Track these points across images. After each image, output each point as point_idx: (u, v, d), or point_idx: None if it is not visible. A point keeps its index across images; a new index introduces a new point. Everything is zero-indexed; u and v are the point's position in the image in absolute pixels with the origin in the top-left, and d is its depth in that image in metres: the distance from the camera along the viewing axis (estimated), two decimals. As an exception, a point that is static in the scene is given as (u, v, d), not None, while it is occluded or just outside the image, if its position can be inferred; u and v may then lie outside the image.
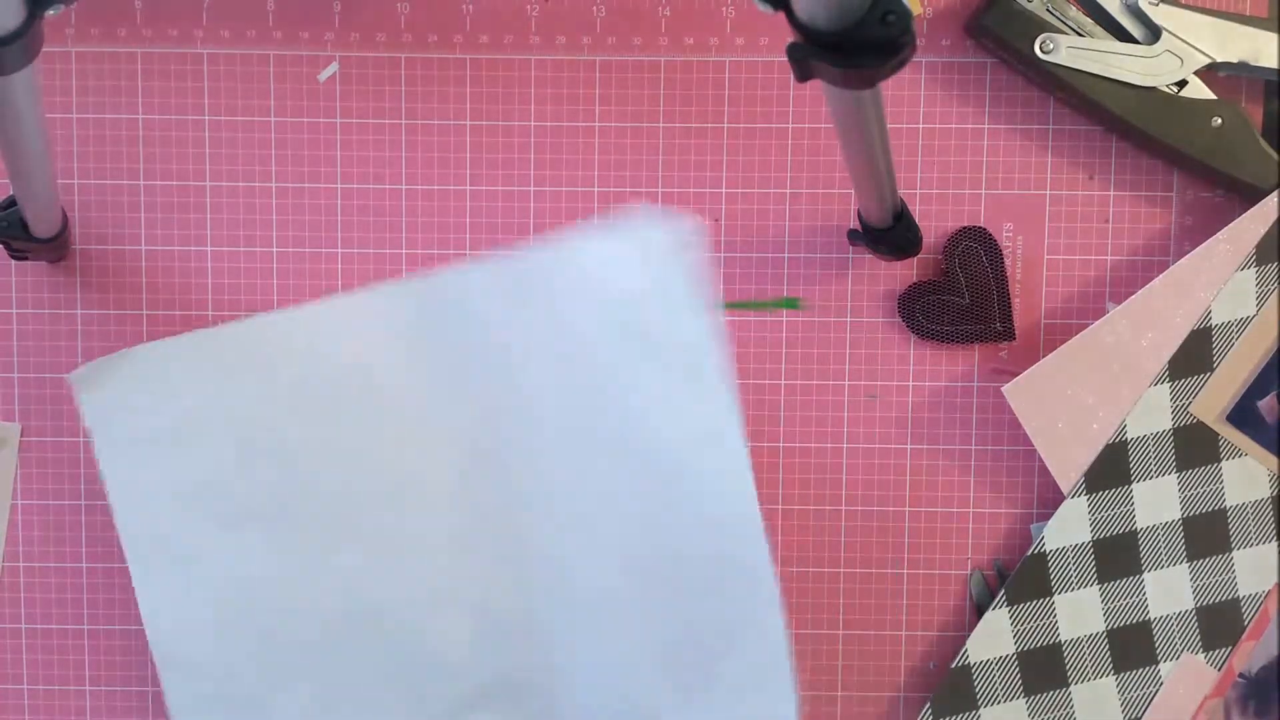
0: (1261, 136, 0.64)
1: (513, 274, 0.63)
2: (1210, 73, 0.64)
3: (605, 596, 0.63)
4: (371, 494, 0.64)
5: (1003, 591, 0.65)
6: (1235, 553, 0.65)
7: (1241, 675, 0.65)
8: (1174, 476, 0.64)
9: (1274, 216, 0.63)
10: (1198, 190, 0.66)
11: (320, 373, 0.64)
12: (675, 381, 0.63)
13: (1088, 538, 0.64)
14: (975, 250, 0.65)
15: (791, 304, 0.66)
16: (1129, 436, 0.64)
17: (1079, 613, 0.65)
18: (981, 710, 0.65)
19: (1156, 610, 0.65)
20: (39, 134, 0.53)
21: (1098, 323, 0.64)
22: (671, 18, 0.65)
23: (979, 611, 0.66)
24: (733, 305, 0.66)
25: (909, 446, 0.66)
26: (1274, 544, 0.65)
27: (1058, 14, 0.63)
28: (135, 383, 0.64)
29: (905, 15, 0.45)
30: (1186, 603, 0.65)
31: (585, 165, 0.66)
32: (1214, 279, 0.64)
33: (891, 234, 0.62)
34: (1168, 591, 0.65)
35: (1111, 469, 0.64)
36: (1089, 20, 0.64)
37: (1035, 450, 0.64)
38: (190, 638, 0.64)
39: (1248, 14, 0.65)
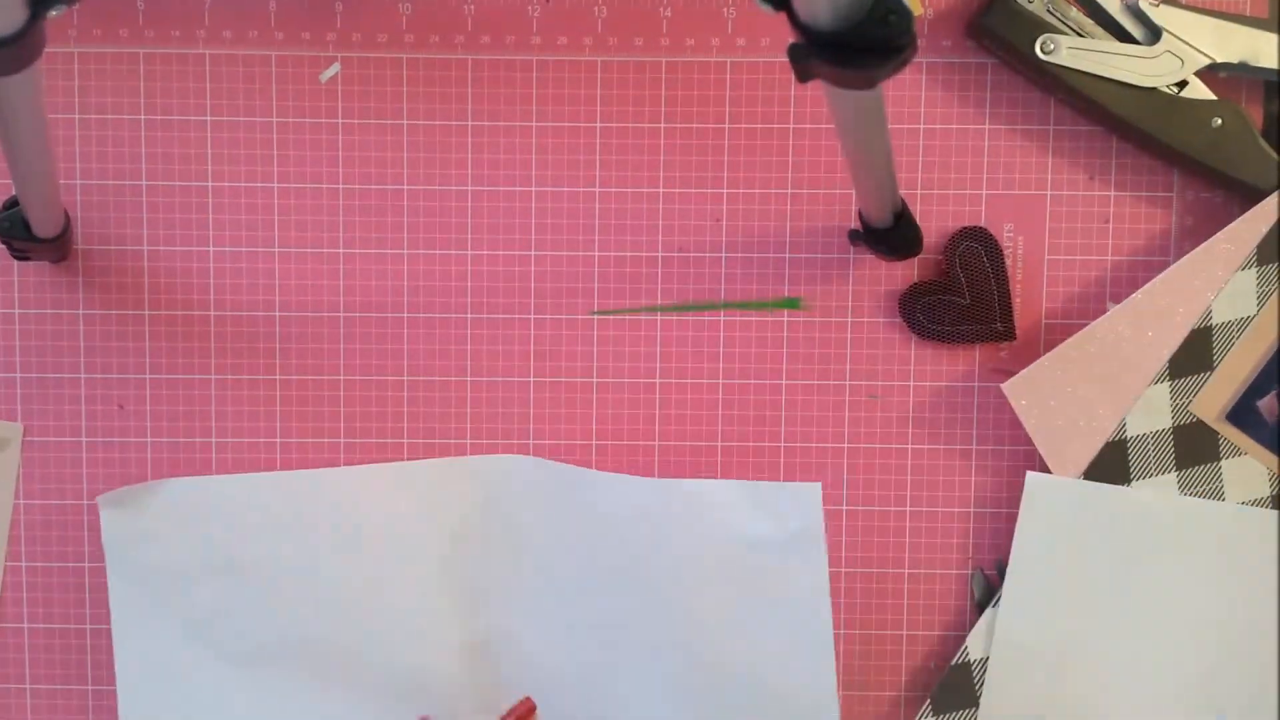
0: (1261, 137, 0.64)
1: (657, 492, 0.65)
2: (1210, 73, 0.64)
3: None
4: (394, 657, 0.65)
5: (1002, 588, 0.65)
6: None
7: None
8: (1173, 475, 0.64)
9: (1274, 217, 0.63)
10: (1198, 190, 0.66)
11: (369, 530, 0.65)
12: (785, 626, 0.65)
13: (1088, 537, 0.65)
14: (976, 250, 0.65)
15: (792, 304, 0.66)
16: (1129, 435, 0.64)
17: (1080, 612, 0.65)
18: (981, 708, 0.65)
19: (1157, 609, 0.65)
20: (41, 134, 0.53)
21: (1098, 321, 0.64)
22: (673, 18, 0.66)
23: (980, 610, 0.66)
24: (733, 305, 0.66)
25: (910, 446, 0.67)
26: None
27: (1058, 15, 0.63)
28: (163, 513, 0.64)
29: (906, 16, 0.45)
30: (1187, 602, 0.65)
31: (587, 165, 0.66)
32: (1214, 279, 0.64)
33: (892, 234, 0.62)
34: (1168, 591, 0.65)
35: (1111, 467, 0.64)
36: (1089, 21, 0.64)
37: (1036, 449, 0.64)
38: None
39: (1248, 14, 0.65)
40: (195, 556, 0.65)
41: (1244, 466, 0.64)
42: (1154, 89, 0.64)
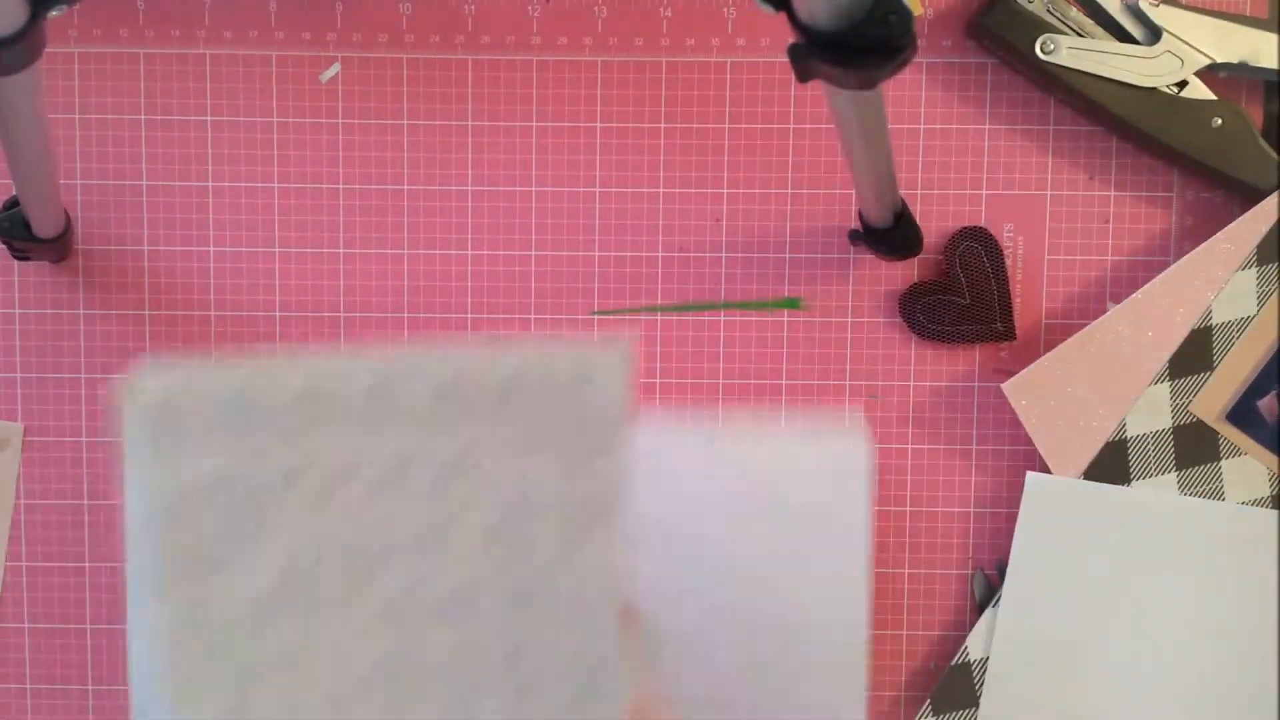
0: (1261, 137, 0.64)
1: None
2: (1210, 73, 0.64)
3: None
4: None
5: (1002, 588, 0.65)
6: (1236, 552, 0.65)
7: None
8: (1173, 475, 0.64)
9: (1274, 217, 0.63)
10: (1198, 190, 0.66)
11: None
12: (821, 562, 0.64)
13: (1088, 537, 0.65)
14: (976, 250, 0.65)
15: (792, 304, 0.66)
16: (1129, 435, 0.64)
17: (1080, 612, 0.65)
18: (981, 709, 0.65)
19: (1157, 609, 0.65)
20: (42, 134, 0.53)
21: (1098, 321, 0.64)
22: (673, 18, 0.66)
23: (980, 610, 0.66)
24: (734, 305, 0.66)
25: (910, 446, 0.67)
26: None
27: (1058, 15, 0.63)
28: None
29: (906, 16, 0.45)
30: (1187, 602, 0.65)
31: (587, 165, 0.66)
32: (1214, 279, 0.64)
33: (892, 234, 0.62)
34: (1168, 591, 0.65)
35: (1111, 467, 0.64)
36: (1089, 21, 0.64)
37: (1036, 449, 0.64)
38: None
39: (1248, 14, 0.65)
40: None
41: (1244, 466, 0.64)
42: (1154, 89, 0.64)
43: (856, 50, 0.46)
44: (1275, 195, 0.63)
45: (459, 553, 0.52)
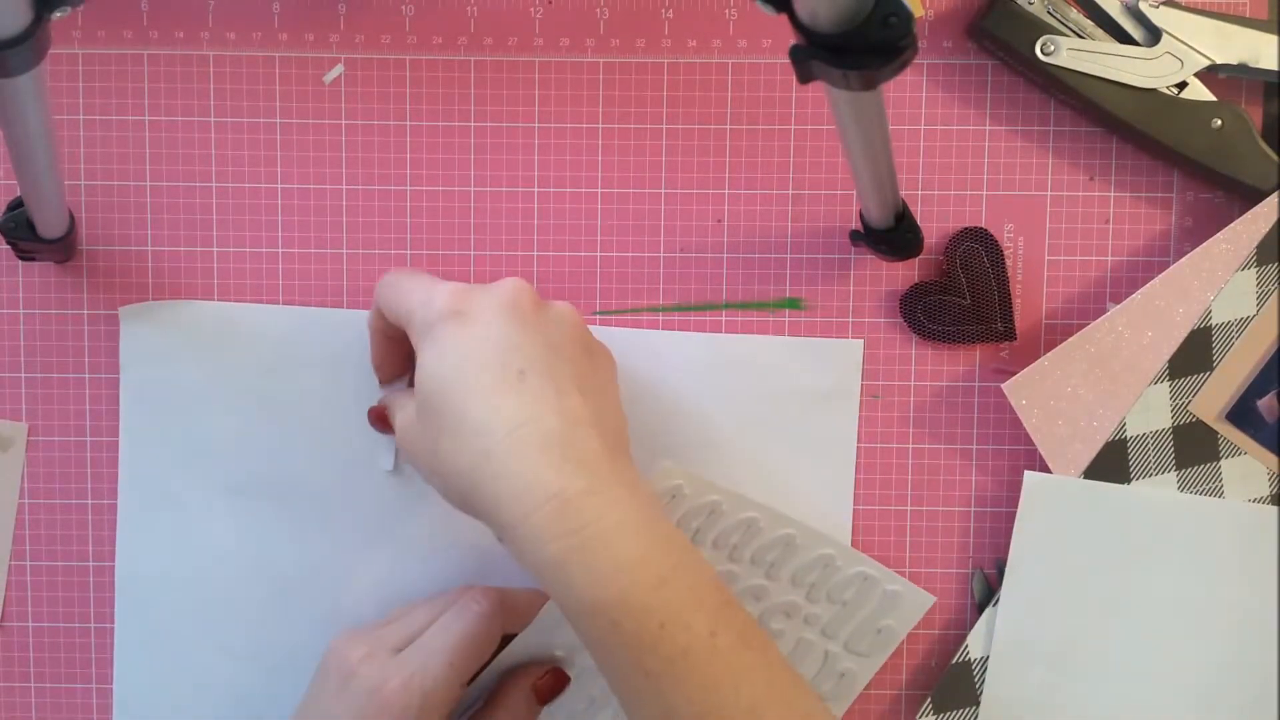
0: (1261, 138, 0.64)
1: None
2: (1210, 74, 0.64)
3: None
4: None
5: (1001, 588, 0.65)
6: (1235, 551, 0.65)
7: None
8: (1173, 474, 0.64)
9: (1273, 218, 0.63)
10: (1198, 191, 0.66)
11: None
12: (812, 463, 0.66)
13: (1088, 536, 0.65)
14: (976, 251, 0.65)
15: (794, 304, 0.66)
16: (1128, 435, 0.64)
17: (1080, 611, 0.65)
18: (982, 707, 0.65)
19: (1157, 609, 0.65)
20: (46, 135, 0.53)
21: (1098, 321, 0.64)
22: (674, 20, 0.66)
23: (980, 609, 0.66)
24: (735, 305, 0.66)
25: (910, 446, 0.67)
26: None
27: (1058, 16, 0.64)
28: (181, 333, 0.65)
29: (907, 17, 0.45)
30: (1187, 601, 0.65)
31: (589, 166, 0.66)
32: (1214, 279, 0.64)
33: (893, 235, 0.63)
34: (1168, 590, 0.65)
35: (1111, 467, 0.64)
36: (1089, 22, 0.64)
37: (1036, 449, 0.65)
38: (155, 582, 0.66)
39: (1248, 16, 0.65)
40: (207, 380, 0.65)
41: (1244, 466, 0.64)
42: (1154, 90, 0.64)
43: (857, 52, 0.46)
44: (1275, 196, 0.63)
45: None
